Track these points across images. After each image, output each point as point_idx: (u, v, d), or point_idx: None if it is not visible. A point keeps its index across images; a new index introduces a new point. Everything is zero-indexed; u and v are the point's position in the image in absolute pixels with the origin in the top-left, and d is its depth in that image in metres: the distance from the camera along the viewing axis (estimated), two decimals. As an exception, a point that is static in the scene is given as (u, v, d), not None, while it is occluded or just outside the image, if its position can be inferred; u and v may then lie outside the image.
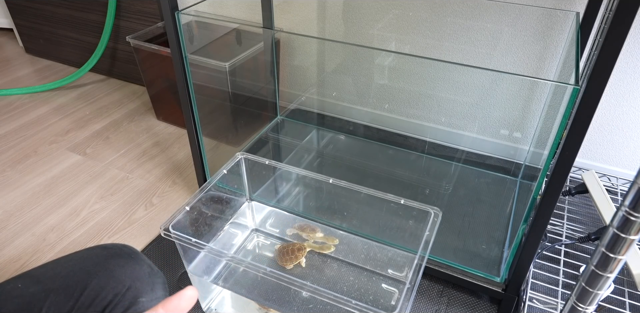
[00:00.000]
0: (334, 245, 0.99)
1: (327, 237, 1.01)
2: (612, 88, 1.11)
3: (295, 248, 0.96)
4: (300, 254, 0.95)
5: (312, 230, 1.02)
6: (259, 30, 1.37)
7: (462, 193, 1.19)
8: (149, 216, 1.19)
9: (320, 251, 0.98)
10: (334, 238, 1.00)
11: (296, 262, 0.95)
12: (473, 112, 1.28)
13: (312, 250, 0.99)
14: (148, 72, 1.44)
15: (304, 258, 0.96)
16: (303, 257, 0.96)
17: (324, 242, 1.00)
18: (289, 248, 0.97)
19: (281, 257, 0.96)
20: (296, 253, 0.95)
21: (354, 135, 1.43)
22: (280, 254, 0.96)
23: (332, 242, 1.00)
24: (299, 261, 0.95)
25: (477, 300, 0.97)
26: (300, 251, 0.95)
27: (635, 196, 0.40)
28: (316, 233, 1.01)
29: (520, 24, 1.10)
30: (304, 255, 0.96)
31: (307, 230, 1.02)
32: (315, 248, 0.98)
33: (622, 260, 0.45)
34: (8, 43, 2.09)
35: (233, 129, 1.40)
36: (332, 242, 1.00)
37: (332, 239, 1.00)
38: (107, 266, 0.61)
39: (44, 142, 1.46)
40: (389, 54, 1.32)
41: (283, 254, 0.96)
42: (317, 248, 0.98)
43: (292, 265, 0.96)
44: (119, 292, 0.59)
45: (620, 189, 1.15)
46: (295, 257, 0.95)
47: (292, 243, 0.99)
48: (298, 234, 1.03)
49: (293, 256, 0.95)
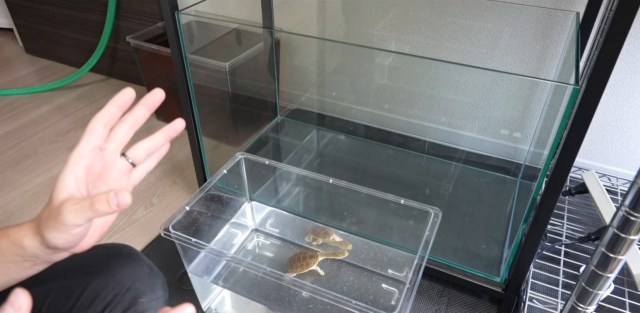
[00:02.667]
0: (347, 251, 0.97)
1: (340, 241, 1.00)
2: (612, 88, 1.11)
3: (307, 256, 0.94)
4: (311, 262, 0.93)
5: (326, 234, 1.00)
6: (259, 30, 1.37)
7: (462, 193, 1.19)
8: (149, 216, 1.19)
9: (334, 257, 0.97)
10: (347, 243, 0.98)
11: (306, 270, 0.94)
12: (473, 112, 1.28)
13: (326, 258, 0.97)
14: (148, 72, 1.44)
15: (317, 266, 0.95)
16: (315, 265, 0.94)
17: (337, 247, 0.98)
18: (300, 255, 0.95)
19: (292, 263, 0.95)
20: (307, 261, 0.93)
21: (354, 135, 1.43)
22: (291, 261, 0.95)
23: (345, 247, 0.98)
24: (310, 269, 0.94)
25: (477, 300, 0.97)
26: (312, 258, 0.94)
27: (635, 196, 0.40)
28: (331, 236, 1.00)
29: (520, 24, 1.10)
30: (316, 263, 0.94)
31: (322, 234, 1.00)
32: (329, 255, 0.97)
33: (622, 260, 0.45)
34: (8, 43, 2.09)
35: (233, 129, 1.40)
36: (346, 247, 0.98)
37: (346, 244, 0.98)
38: (108, 266, 0.61)
39: (44, 142, 1.46)
40: (389, 54, 1.32)
41: (294, 261, 0.95)
42: (330, 255, 0.97)
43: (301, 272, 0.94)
44: (118, 292, 0.59)
45: (620, 189, 1.15)
46: (306, 264, 0.93)
47: (304, 251, 0.98)
48: (314, 238, 1.02)
49: (304, 263, 0.93)
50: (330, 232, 1.00)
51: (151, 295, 0.61)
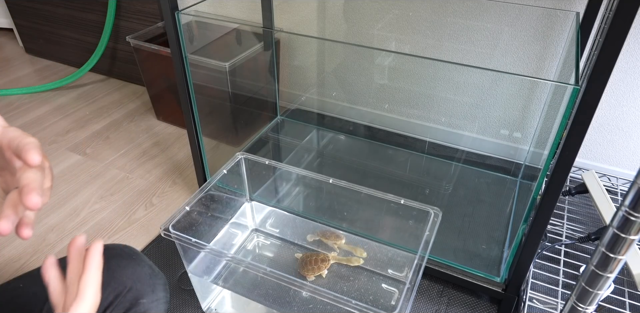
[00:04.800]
0: (362, 259, 0.95)
1: (354, 247, 0.97)
2: (612, 88, 1.11)
3: (319, 259, 0.93)
4: (323, 265, 0.92)
5: (337, 238, 0.98)
6: (259, 30, 1.37)
7: (462, 193, 1.19)
8: (149, 216, 1.19)
9: (348, 263, 0.95)
10: (362, 250, 0.96)
11: (318, 273, 0.93)
12: (473, 112, 1.28)
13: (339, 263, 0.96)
14: (148, 72, 1.44)
15: (327, 270, 0.94)
16: (326, 269, 0.94)
17: (350, 252, 0.97)
18: (312, 258, 0.94)
19: (303, 266, 0.94)
20: (319, 264, 0.93)
21: (354, 135, 1.43)
22: (303, 263, 0.94)
23: (360, 254, 0.96)
24: (321, 272, 0.94)
25: (477, 300, 0.97)
26: (324, 262, 0.93)
27: (635, 196, 0.40)
28: (341, 240, 0.99)
29: (520, 24, 1.10)
30: (327, 267, 0.94)
31: (332, 238, 0.98)
32: (342, 261, 0.96)
33: (622, 260, 0.45)
34: (8, 43, 2.09)
35: (233, 129, 1.40)
36: (361, 255, 0.96)
37: (361, 251, 0.96)
38: (109, 267, 0.61)
39: (44, 142, 1.46)
40: (389, 54, 1.32)
41: (306, 263, 0.94)
42: (344, 260, 0.96)
43: (314, 276, 0.94)
44: (120, 293, 0.59)
45: (620, 189, 1.15)
46: (317, 267, 0.92)
47: (316, 254, 0.96)
48: (321, 241, 1.01)
49: (316, 267, 0.92)
50: (341, 236, 0.99)
51: (152, 295, 0.61)
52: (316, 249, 1.00)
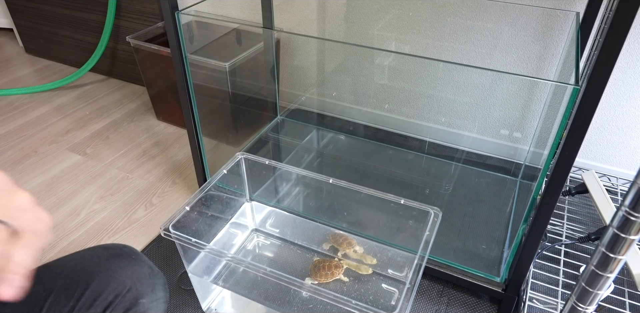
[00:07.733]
0: (371, 269, 0.95)
1: (364, 255, 0.97)
2: (612, 88, 1.11)
3: (332, 265, 0.94)
4: (336, 272, 0.93)
5: (349, 244, 0.98)
6: (259, 30, 1.37)
7: (462, 193, 1.19)
8: (149, 216, 1.19)
9: (357, 271, 0.95)
10: (372, 258, 0.96)
11: (331, 279, 0.93)
12: (473, 112, 1.28)
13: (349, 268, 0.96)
14: (148, 72, 1.44)
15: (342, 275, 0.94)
16: (340, 275, 0.94)
17: (360, 260, 0.97)
18: (325, 263, 0.94)
19: (316, 271, 0.94)
20: (332, 270, 0.93)
21: (354, 135, 1.43)
22: (316, 268, 0.94)
23: (370, 261, 0.96)
24: (335, 278, 0.94)
25: (477, 300, 0.97)
26: (337, 268, 0.93)
27: (635, 196, 0.40)
28: (353, 247, 0.98)
29: (520, 24, 1.10)
30: (341, 273, 0.94)
31: (344, 245, 0.98)
32: (352, 267, 0.96)
33: (622, 260, 0.45)
34: (8, 43, 2.09)
35: (233, 129, 1.40)
36: (370, 262, 0.96)
37: (371, 259, 0.96)
38: (108, 266, 0.61)
39: (44, 142, 1.46)
40: (389, 54, 1.32)
41: (319, 269, 0.94)
42: (353, 267, 0.95)
43: (326, 281, 0.94)
44: (119, 293, 0.59)
45: (620, 189, 1.15)
46: (331, 274, 0.93)
47: (329, 259, 0.96)
48: (334, 247, 1.00)
49: (329, 273, 0.93)
50: (353, 242, 0.99)
51: (152, 295, 0.61)
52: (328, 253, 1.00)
